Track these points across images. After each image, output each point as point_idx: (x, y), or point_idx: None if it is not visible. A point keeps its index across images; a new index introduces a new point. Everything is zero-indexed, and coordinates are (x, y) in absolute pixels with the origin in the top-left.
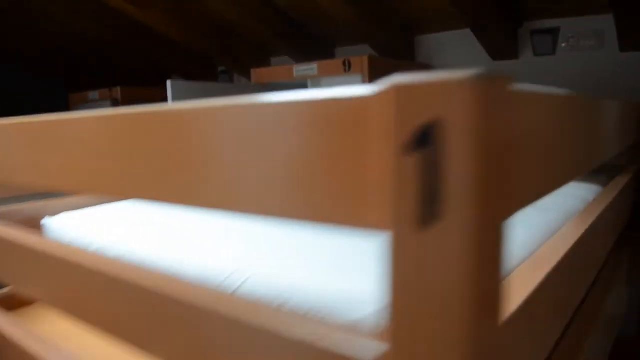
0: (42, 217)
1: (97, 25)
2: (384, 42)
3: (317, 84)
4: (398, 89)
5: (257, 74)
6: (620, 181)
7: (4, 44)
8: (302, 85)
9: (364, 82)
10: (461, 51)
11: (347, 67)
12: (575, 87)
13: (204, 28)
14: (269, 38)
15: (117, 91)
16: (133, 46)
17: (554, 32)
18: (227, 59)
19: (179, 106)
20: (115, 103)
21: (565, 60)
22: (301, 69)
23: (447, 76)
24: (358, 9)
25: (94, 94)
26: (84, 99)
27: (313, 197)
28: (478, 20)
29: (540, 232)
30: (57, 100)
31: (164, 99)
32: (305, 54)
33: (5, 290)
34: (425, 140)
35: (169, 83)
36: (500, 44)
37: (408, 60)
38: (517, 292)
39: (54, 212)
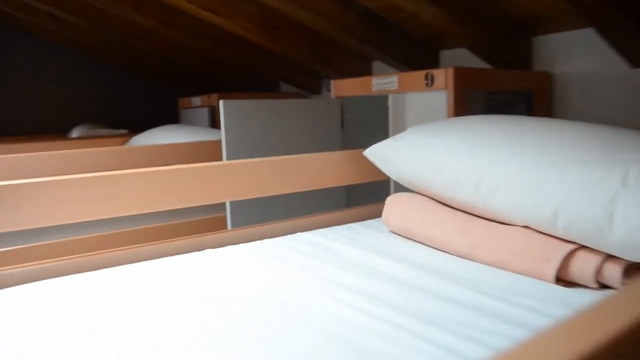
0: None
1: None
2: (492, 46)
3: (398, 99)
4: None
5: (336, 86)
6: None
7: (132, 57)
8: (382, 99)
9: (448, 97)
10: (588, 55)
11: (430, 82)
12: None
13: (294, 36)
14: (366, 44)
15: (215, 97)
16: (241, 57)
17: None
18: (325, 66)
19: None
20: (212, 109)
21: None
22: (380, 82)
23: None
24: (458, 10)
25: (196, 100)
26: (189, 104)
27: None
28: (604, 17)
29: None
30: (170, 104)
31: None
32: (408, 60)
33: None
34: None
35: (221, 103)
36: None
37: (520, 67)
38: None
39: None
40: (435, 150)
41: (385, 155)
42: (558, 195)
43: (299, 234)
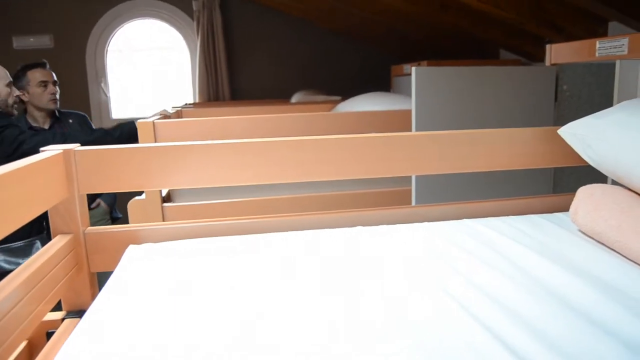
0: None
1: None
2: None
3: (628, 66)
4: None
5: (552, 52)
6: None
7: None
8: (609, 66)
9: None
10: None
11: None
12: None
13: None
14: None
15: (425, 64)
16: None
17: None
18: (551, 29)
19: None
20: None
21: None
22: (606, 46)
23: None
24: None
25: (407, 67)
26: (401, 71)
27: None
28: None
29: None
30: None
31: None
32: None
33: None
34: None
35: (413, 70)
36: None
37: None
38: None
39: None
40: None
41: (584, 135)
42: None
43: (465, 220)
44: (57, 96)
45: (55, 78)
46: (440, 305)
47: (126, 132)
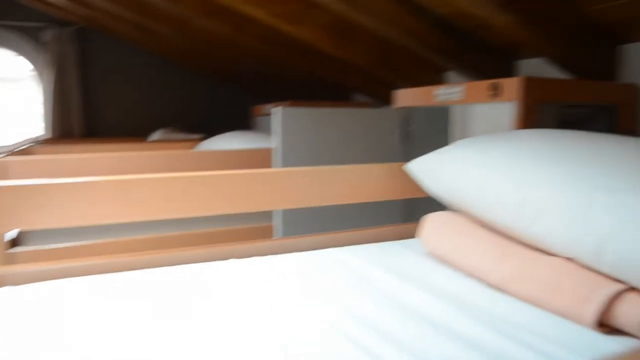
0: None
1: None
2: (571, 55)
3: (461, 110)
4: None
5: (399, 96)
6: None
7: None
8: (446, 110)
9: (518, 109)
10: None
11: (496, 92)
12: None
13: (364, 45)
14: (438, 53)
15: (286, 105)
16: (313, 66)
17: None
18: (397, 76)
19: None
20: None
21: None
22: (444, 92)
23: None
24: (533, 16)
25: (268, 108)
26: (262, 111)
27: None
28: None
29: None
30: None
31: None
32: (483, 70)
33: None
34: None
35: (275, 110)
36: None
37: (603, 78)
38: None
39: None
40: (478, 167)
41: (425, 170)
42: (607, 225)
43: (330, 249)
44: None
45: None
46: (317, 332)
47: None
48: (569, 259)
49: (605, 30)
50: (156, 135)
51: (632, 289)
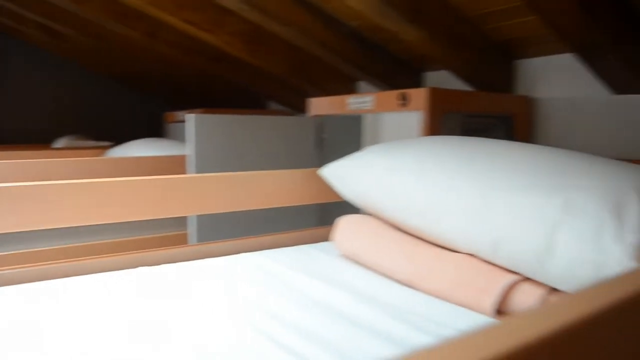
0: None
1: (197, 57)
2: (473, 68)
3: (372, 118)
4: None
5: (312, 105)
6: None
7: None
8: (360, 118)
9: (424, 118)
10: (570, 80)
11: (404, 102)
12: None
13: (278, 53)
14: (349, 63)
15: (200, 111)
16: (228, 73)
17: None
18: (311, 85)
19: None
20: None
21: None
22: (355, 102)
23: None
24: (438, 31)
25: (181, 115)
26: (176, 117)
27: None
28: (586, 42)
29: None
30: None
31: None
32: (391, 81)
33: None
34: None
35: (189, 117)
36: (622, 73)
37: (503, 91)
38: None
39: None
40: (386, 171)
41: (339, 175)
42: (500, 222)
43: (245, 254)
44: None
45: None
46: (239, 333)
47: None
48: (471, 255)
49: (502, 46)
50: (62, 142)
51: (526, 279)
